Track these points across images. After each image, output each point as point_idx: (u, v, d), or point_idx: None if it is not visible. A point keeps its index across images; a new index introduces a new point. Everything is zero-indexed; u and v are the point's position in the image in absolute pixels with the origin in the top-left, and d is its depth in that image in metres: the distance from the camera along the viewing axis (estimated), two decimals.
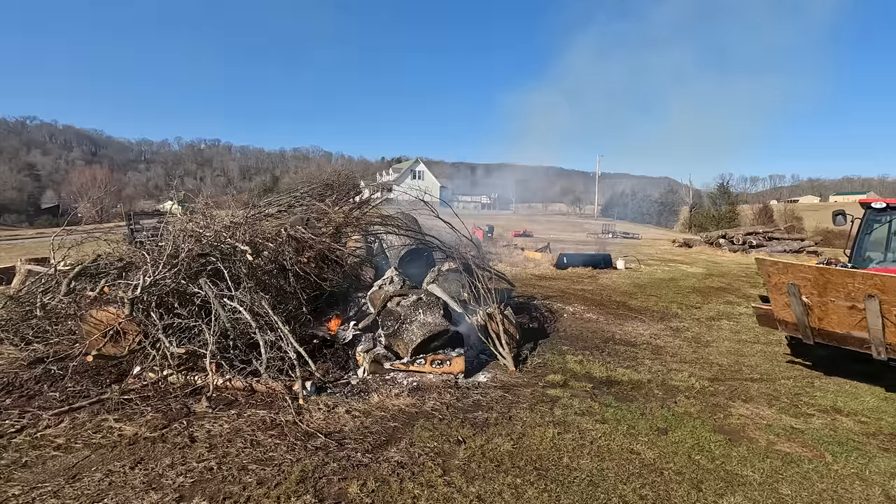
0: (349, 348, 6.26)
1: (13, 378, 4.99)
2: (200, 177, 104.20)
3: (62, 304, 5.87)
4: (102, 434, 4.13)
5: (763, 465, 4.23)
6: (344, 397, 5.14)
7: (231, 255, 6.05)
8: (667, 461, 4.19)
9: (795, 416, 5.42)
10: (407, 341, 5.88)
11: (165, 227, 6.70)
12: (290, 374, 5.10)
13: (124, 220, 19.76)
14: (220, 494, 3.39)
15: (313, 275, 6.58)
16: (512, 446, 4.27)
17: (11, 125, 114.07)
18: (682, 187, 71.78)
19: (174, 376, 5.05)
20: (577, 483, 3.78)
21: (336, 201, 8.48)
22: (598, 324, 9.33)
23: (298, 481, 3.56)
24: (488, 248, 17.03)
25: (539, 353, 7.18)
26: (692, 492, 3.76)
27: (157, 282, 5.35)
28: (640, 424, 4.87)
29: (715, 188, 62.97)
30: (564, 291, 12.47)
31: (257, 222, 7.20)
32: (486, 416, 4.88)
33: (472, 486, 3.64)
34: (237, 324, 5.32)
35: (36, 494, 3.29)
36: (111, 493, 3.34)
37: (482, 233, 23.46)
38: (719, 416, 5.30)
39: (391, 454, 4.04)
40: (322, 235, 7.11)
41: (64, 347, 5.54)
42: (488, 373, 6.19)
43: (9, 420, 4.25)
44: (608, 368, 6.63)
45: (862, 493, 3.92)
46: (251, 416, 4.54)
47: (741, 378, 6.71)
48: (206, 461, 3.78)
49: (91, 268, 6.24)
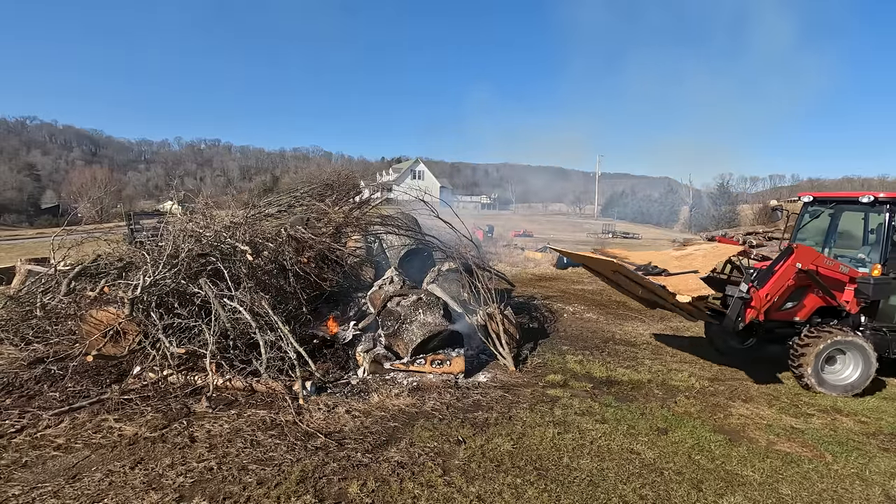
0: (349, 348, 6.26)
1: (13, 378, 4.99)
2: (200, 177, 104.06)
3: (62, 304, 5.87)
4: (102, 434, 4.13)
5: (763, 465, 4.23)
6: (344, 397, 5.14)
7: (231, 255, 6.06)
8: (667, 461, 4.19)
9: (795, 416, 5.42)
10: (407, 341, 5.88)
11: (165, 227, 6.70)
12: (290, 374, 5.10)
13: (124, 220, 19.76)
14: (220, 494, 3.39)
15: (313, 275, 6.58)
16: (512, 446, 4.27)
17: (11, 125, 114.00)
18: (682, 187, 71.86)
19: (174, 376, 5.05)
20: (577, 483, 3.78)
21: (336, 201, 8.50)
22: (598, 324, 9.34)
23: (298, 481, 3.56)
24: (488, 248, 17.02)
25: (539, 353, 7.18)
26: (692, 492, 3.76)
27: (157, 282, 5.35)
28: (640, 424, 4.87)
29: (715, 188, 63.05)
30: (564, 291, 12.48)
31: (257, 222, 7.22)
32: (486, 416, 4.88)
33: (472, 486, 3.64)
34: (237, 324, 5.32)
35: (36, 494, 3.29)
36: (111, 493, 3.34)
37: (482, 233, 23.45)
38: (719, 416, 5.30)
39: (391, 454, 4.04)
40: (322, 235, 7.12)
41: (64, 347, 5.54)
42: (488, 373, 6.19)
43: (9, 420, 4.25)
44: (608, 368, 6.63)
45: (862, 493, 3.92)
46: (251, 416, 4.55)
47: (741, 378, 6.71)
48: (206, 461, 3.78)
49: (91, 268, 6.24)
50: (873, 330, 6.62)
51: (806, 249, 6.19)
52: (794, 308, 6.48)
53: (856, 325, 6.66)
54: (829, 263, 6.30)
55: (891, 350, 6.53)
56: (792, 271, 5.99)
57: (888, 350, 6.52)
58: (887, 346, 6.52)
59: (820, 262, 6.21)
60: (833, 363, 6.30)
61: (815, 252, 6.28)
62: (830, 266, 6.28)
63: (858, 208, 6.97)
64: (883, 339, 6.56)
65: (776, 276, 6.00)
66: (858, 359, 6.16)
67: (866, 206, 6.72)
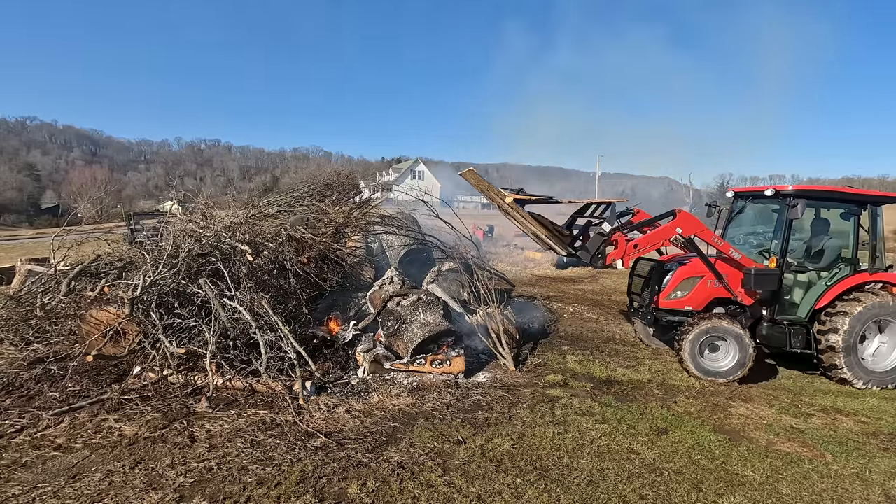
0: (349, 348, 6.26)
1: (13, 378, 4.98)
2: (200, 177, 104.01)
3: (62, 304, 5.87)
4: (102, 434, 4.13)
5: (763, 465, 4.23)
6: (344, 397, 5.14)
7: (231, 255, 6.06)
8: (667, 461, 4.19)
9: (795, 416, 5.42)
10: (407, 341, 5.88)
11: (165, 227, 6.70)
12: (290, 374, 5.10)
13: (124, 220, 19.74)
14: (220, 494, 3.39)
15: (313, 275, 6.58)
16: (512, 446, 4.27)
17: (11, 125, 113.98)
18: (682, 187, 71.79)
19: (174, 376, 5.05)
20: (578, 483, 3.78)
21: (336, 201, 8.49)
22: (598, 323, 9.33)
23: (298, 481, 3.56)
24: (488, 248, 17.01)
25: (539, 352, 7.18)
26: (692, 492, 3.76)
27: (157, 282, 5.35)
28: (641, 424, 4.87)
29: (715, 188, 62.99)
30: (564, 291, 12.48)
31: (257, 222, 7.21)
32: (486, 416, 4.88)
33: (472, 486, 3.64)
34: (237, 324, 5.31)
35: (36, 494, 3.29)
36: (111, 493, 3.34)
37: (482, 233, 23.42)
38: (719, 415, 5.30)
39: (391, 454, 4.04)
40: (322, 235, 7.11)
41: (64, 347, 5.54)
42: (488, 373, 6.19)
43: (9, 420, 4.25)
44: (608, 368, 6.63)
45: (862, 493, 3.92)
46: (251, 416, 4.54)
47: None
48: (206, 461, 3.78)
49: (91, 268, 6.24)
50: (773, 323, 6.70)
51: (690, 217, 6.38)
52: (685, 297, 6.73)
53: (755, 318, 6.76)
54: (718, 242, 6.43)
55: (790, 344, 6.61)
56: (670, 233, 6.21)
57: (787, 344, 6.61)
58: (787, 339, 6.61)
59: (706, 236, 6.35)
60: (716, 350, 6.52)
61: (700, 223, 6.42)
62: (720, 245, 6.41)
63: (770, 201, 7.04)
64: (782, 333, 6.64)
65: (652, 232, 6.26)
66: (735, 347, 6.35)
67: (770, 199, 6.86)
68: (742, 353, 6.29)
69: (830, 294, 6.48)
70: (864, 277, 6.54)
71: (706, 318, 6.45)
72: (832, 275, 6.65)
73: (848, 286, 6.48)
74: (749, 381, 6.48)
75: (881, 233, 6.82)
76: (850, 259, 6.69)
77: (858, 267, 6.65)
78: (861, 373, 6.36)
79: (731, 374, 6.32)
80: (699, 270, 6.69)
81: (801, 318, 6.63)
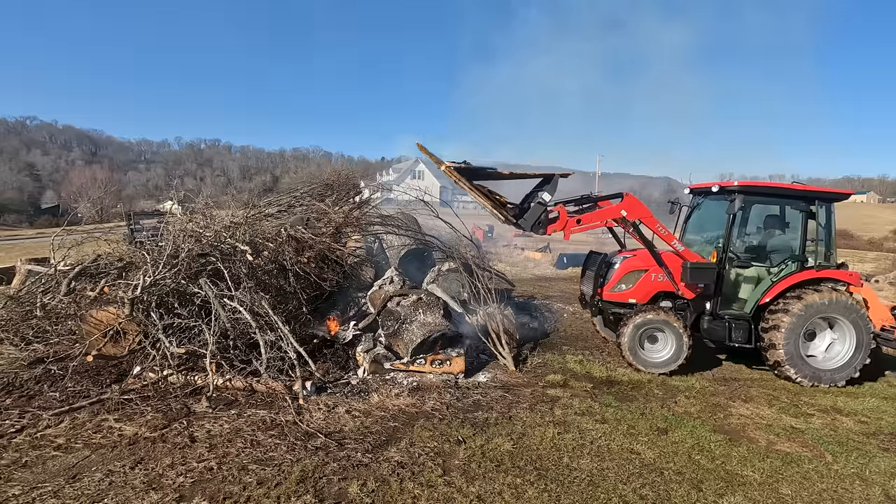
0: (349, 348, 6.26)
1: (13, 378, 4.99)
2: (200, 177, 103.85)
3: (62, 304, 5.87)
4: (102, 434, 4.13)
5: (763, 465, 4.23)
6: (344, 397, 5.14)
7: (231, 255, 6.05)
8: (667, 461, 4.19)
9: (795, 416, 5.42)
10: (407, 341, 5.88)
11: (165, 227, 6.70)
12: (290, 374, 5.10)
13: (124, 220, 19.76)
14: (220, 494, 3.39)
15: (313, 275, 6.57)
16: (512, 446, 4.27)
17: (11, 125, 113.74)
18: (682, 187, 71.74)
19: (174, 376, 5.05)
20: (578, 483, 3.78)
21: (336, 201, 8.47)
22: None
23: (298, 481, 3.56)
24: (488, 248, 17.01)
25: (539, 353, 7.18)
26: (692, 492, 3.76)
27: (157, 282, 5.35)
28: (640, 424, 4.87)
29: None
30: (564, 291, 12.48)
31: (257, 222, 7.20)
32: (486, 416, 4.88)
33: (472, 486, 3.64)
34: (237, 324, 5.31)
35: (36, 494, 3.29)
36: (111, 493, 3.34)
37: (482, 233, 23.43)
38: (719, 415, 5.30)
39: (391, 454, 4.04)
40: (322, 235, 7.10)
41: (64, 347, 5.55)
42: (488, 373, 6.19)
43: (9, 420, 4.25)
44: (608, 368, 6.63)
45: (862, 493, 3.92)
46: (251, 416, 4.54)
47: (741, 378, 6.71)
48: (206, 461, 3.78)
49: (91, 268, 6.24)
50: (715, 316, 6.75)
51: (636, 202, 6.44)
52: (629, 290, 6.83)
53: (699, 311, 6.80)
54: (663, 231, 6.48)
55: (729, 338, 6.65)
56: (615, 214, 6.28)
57: (727, 338, 6.66)
58: (728, 333, 6.66)
59: (651, 223, 6.41)
60: (655, 342, 6.64)
61: (646, 210, 6.47)
62: (664, 235, 6.47)
63: (718, 197, 7.07)
64: (723, 327, 6.69)
65: (598, 211, 6.34)
66: (672, 339, 6.49)
67: (716, 195, 6.94)
68: (678, 345, 6.43)
69: (775, 290, 6.51)
70: (811, 274, 6.55)
71: (644, 311, 6.56)
72: (779, 271, 6.66)
73: (793, 282, 6.49)
74: (749, 382, 6.48)
75: (833, 229, 6.84)
76: (797, 256, 6.69)
77: (806, 264, 6.65)
78: (807, 370, 6.37)
79: (667, 366, 6.46)
80: (644, 264, 6.79)
81: (746, 314, 6.67)
